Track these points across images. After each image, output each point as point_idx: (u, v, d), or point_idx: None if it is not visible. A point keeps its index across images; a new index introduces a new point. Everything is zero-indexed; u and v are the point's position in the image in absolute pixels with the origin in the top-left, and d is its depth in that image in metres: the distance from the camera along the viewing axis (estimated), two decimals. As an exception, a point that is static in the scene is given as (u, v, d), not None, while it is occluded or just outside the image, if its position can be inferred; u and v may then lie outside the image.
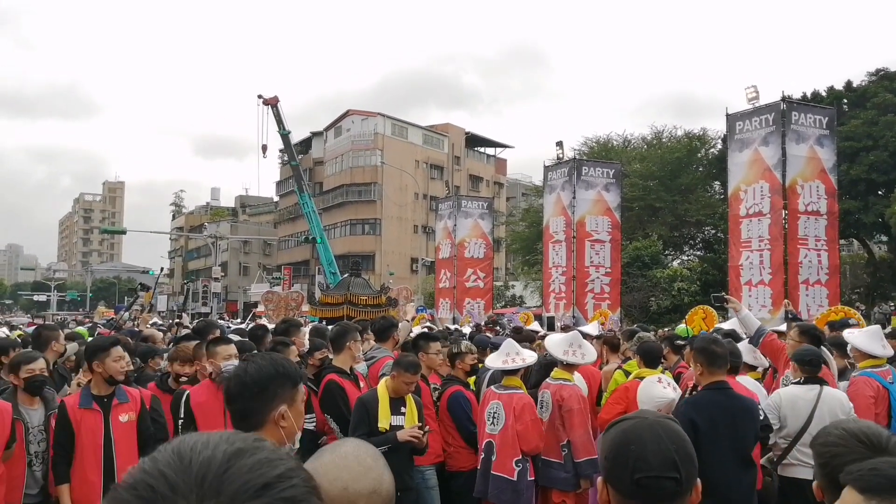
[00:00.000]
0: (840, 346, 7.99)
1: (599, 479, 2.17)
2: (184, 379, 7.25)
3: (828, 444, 2.44)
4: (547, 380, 7.40)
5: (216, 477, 1.00)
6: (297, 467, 1.09)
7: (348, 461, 1.88)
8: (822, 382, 6.59)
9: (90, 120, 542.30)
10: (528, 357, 7.20)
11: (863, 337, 7.44)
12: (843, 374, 7.76)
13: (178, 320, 18.72)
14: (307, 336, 8.74)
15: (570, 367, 7.34)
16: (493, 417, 6.95)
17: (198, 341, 7.90)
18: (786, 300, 15.86)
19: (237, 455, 1.05)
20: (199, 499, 0.98)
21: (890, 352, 7.29)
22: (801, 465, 6.31)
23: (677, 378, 7.60)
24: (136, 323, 16.93)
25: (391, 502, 1.96)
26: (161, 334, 12.26)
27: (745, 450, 5.48)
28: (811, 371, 6.63)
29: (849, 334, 7.88)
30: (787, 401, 6.41)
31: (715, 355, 5.64)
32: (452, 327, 14.40)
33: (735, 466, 5.35)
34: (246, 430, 2.73)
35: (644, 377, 6.90)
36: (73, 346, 7.78)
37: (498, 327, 18.67)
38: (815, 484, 2.42)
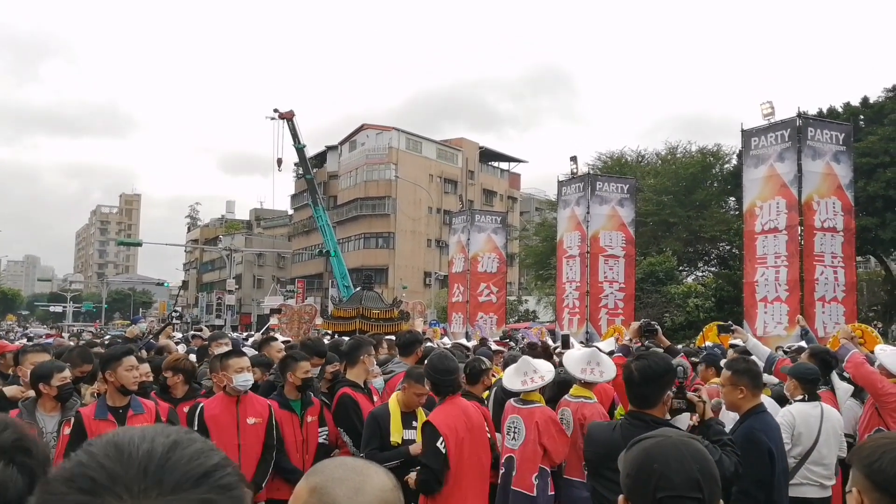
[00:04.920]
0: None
1: (621, 497, 2.14)
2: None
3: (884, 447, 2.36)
4: (566, 397, 7.24)
5: (158, 467, 1.04)
6: (227, 458, 1.14)
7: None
8: (819, 399, 6.55)
9: (124, 138, 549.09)
10: (547, 374, 7.09)
11: (894, 356, 7.35)
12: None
13: (194, 332, 18.71)
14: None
15: (588, 384, 7.25)
16: (514, 432, 6.87)
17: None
18: (798, 316, 15.71)
19: (175, 447, 1.09)
20: (142, 490, 1.01)
21: None
22: (810, 484, 6.25)
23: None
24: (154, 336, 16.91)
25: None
26: (175, 346, 12.25)
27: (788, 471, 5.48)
28: (812, 388, 6.59)
29: (881, 351, 7.79)
30: (800, 418, 6.32)
31: (759, 376, 5.48)
32: (469, 344, 14.26)
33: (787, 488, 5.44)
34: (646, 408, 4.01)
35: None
36: None
37: (512, 342, 18.56)
38: (855, 490, 2.33)
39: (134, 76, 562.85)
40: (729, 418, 5.87)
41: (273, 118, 49.81)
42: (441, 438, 5.55)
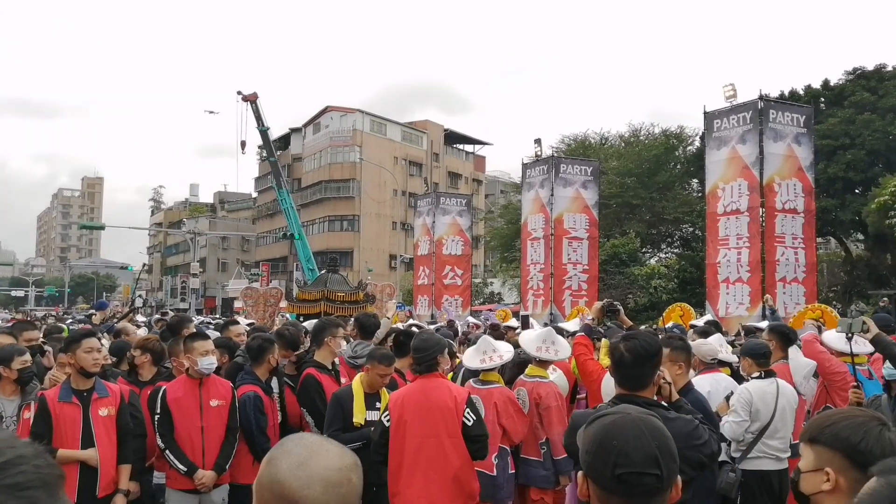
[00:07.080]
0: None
1: (580, 472, 2.16)
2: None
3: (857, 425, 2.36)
4: (521, 377, 7.32)
5: None
6: (29, 455, 1.07)
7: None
8: (774, 374, 6.66)
9: (92, 121, 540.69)
10: (505, 353, 7.12)
11: (834, 333, 7.48)
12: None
13: (159, 316, 18.60)
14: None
15: (543, 363, 7.30)
16: (473, 413, 6.89)
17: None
18: (766, 296, 15.85)
19: None
20: None
21: (867, 349, 7.26)
22: (766, 457, 6.42)
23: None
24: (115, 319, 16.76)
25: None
26: (135, 328, 12.15)
27: None
28: (765, 364, 6.71)
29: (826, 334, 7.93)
30: (757, 395, 6.43)
31: (691, 353, 5.47)
32: (432, 327, 14.28)
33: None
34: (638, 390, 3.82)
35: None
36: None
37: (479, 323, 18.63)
38: (831, 471, 2.33)
39: (104, 59, 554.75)
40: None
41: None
42: (387, 412, 5.56)
